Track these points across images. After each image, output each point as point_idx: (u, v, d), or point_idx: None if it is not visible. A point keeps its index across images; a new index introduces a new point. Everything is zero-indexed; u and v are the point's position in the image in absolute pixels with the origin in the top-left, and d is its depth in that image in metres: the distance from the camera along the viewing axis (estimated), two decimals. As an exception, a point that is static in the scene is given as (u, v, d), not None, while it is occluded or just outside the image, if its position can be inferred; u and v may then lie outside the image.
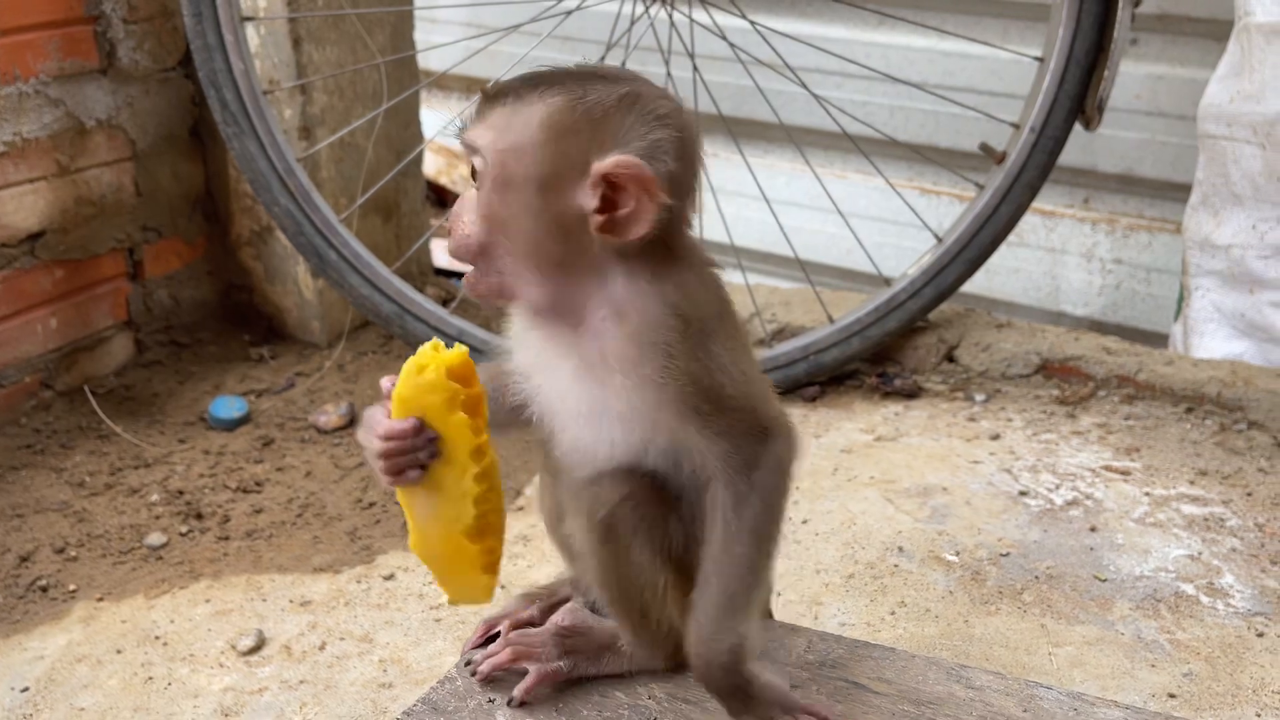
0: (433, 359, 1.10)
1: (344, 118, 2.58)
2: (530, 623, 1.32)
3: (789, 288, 2.80)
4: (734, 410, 1.08)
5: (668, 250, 1.08)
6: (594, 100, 1.04)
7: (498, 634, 1.32)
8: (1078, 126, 2.23)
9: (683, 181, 1.07)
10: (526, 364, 1.19)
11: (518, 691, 1.21)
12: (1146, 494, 1.96)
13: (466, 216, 1.08)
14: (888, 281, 2.35)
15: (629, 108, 1.05)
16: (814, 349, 2.30)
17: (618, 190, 1.03)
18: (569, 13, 2.30)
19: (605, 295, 1.07)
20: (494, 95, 1.07)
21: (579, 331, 1.09)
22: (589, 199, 1.04)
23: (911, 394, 2.33)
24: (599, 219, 1.04)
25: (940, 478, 2.02)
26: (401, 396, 1.10)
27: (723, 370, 1.08)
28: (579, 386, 1.12)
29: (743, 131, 2.74)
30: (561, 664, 1.23)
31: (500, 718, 1.19)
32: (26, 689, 1.61)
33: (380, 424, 1.11)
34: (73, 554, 1.92)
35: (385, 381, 1.13)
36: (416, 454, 1.10)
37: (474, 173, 1.08)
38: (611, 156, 1.02)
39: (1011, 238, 2.43)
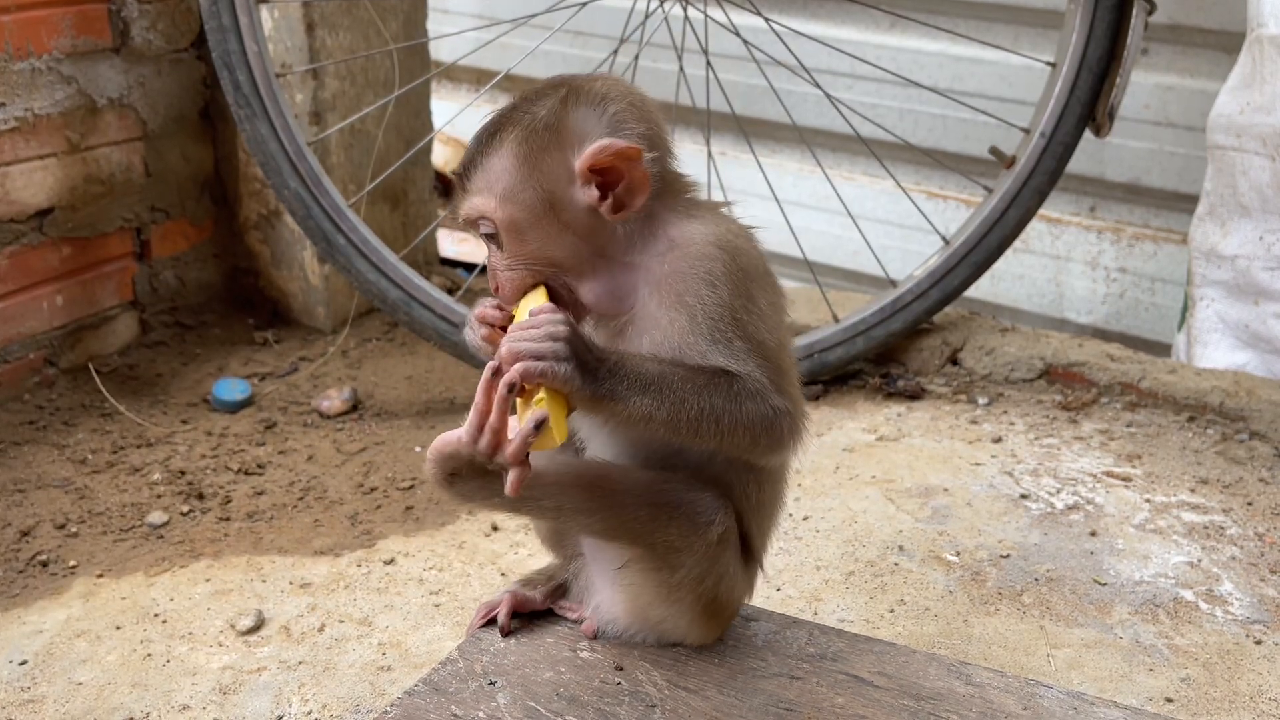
0: None
1: (355, 104, 2.58)
2: (532, 604, 1.33)
3: (795, 287, 2.81)
4: (762, 357, 1.10)
5: (680, 196, 1.16)
6: (543, 115, 1.12)
7: (496, 618, 1.33)
8: (1087, 133, 2.23)
9: (655, 135, 1.14)
10: None
11: None
12: (1147, 500, 1.96)
13: (502, 272, 1.15)
14: (894, 283, 2.35)
15: (577, 102, 1.12)
16: (819, 348, 2.31)
17: (607, 172, 1.10)
18: (582, 4, 2.30)
19: (651, 251, 1.13)
20: (464, 168, 1.15)
21: (630, 311, 1.13)
22: (589, 194, 1.11)
23: (914, 395, 2.33)
24: (606, 204, 1.11)
25: (942, 479, 2.03)
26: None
27: (763, 319, 1.12)
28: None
29: (751, 130, 2.75)
30: None
31: (501, 699, 1.19)
32: (25, 662, 1.61)
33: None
34: (74, 530, 1.92)
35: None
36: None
37: (491, 239, 1.15)
38: (586, 149, 1.10)
39: (1017, 244, 2.44)
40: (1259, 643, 1.61)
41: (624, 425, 1.09)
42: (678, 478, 1.16)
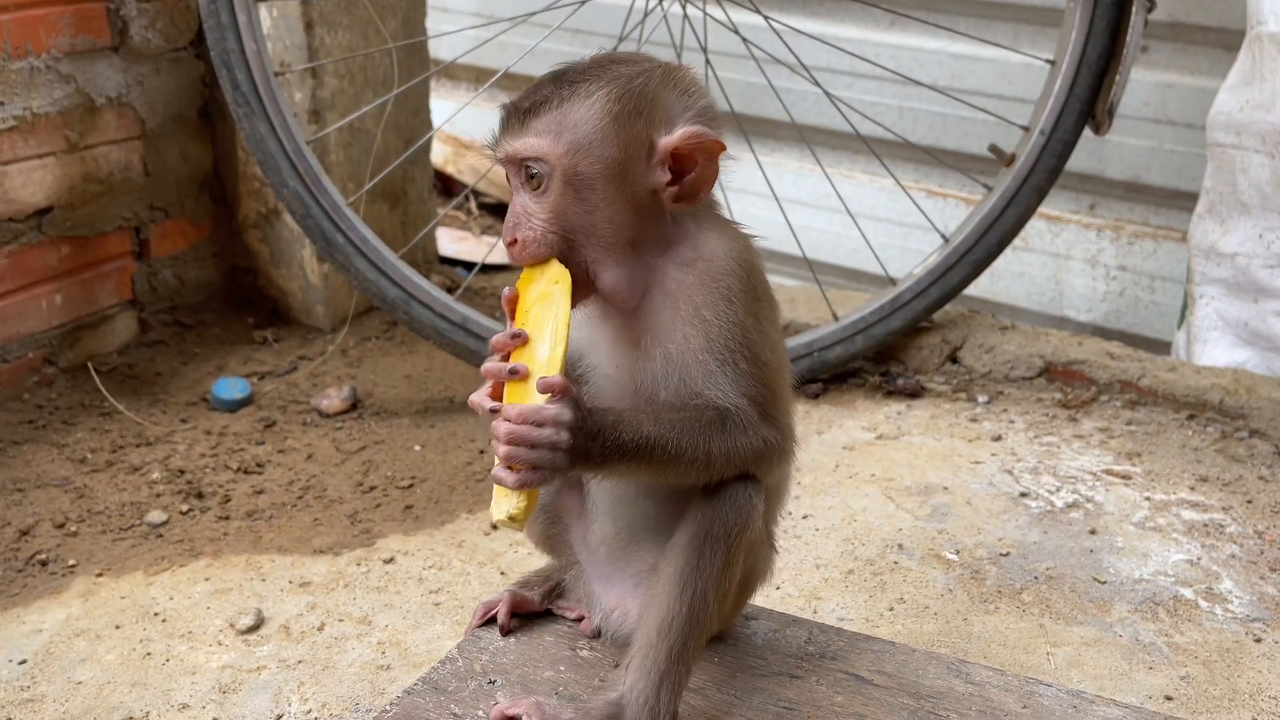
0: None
1: (354, 102, 2.58)
2: (530, 604, 1.33)
3: (794, 285, 2.81)
4: (761, 383, 1.11)
5: (714, 211, 1.16)
6: (640, 83, 1.09)
7: (494, 617, 1.32)
8: (1087, 131, 2.23)
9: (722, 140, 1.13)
10: (583, 352, 1.19)
11: None
12: (1147, 499, 1.96)
13: (532, 223, 1.10)
14: (893, 281, 2.35)
15: (670, 83, 1.11)
16: (818, 346, 2.31)
17: (682, 159, 1.09)
18: (581, 2, 2.30)
19: (673, 257, 1.12)
20: (531, 106, 1.09)
21: (644, 305, 1.12)
22: (660, 174, 1.09)
23: (914, 394, 2.33)
24: (672, 190, 1.10)
25: (941, 477, 2.03)
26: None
27: (765, 338, 1.13)
28: (636, 362, 1.13)
29: (751, 129, 2.75)
30: None
31: (500, 699, 1.19)
32: (24, 661, 1.61)
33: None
34: (73, 529, 1.92)
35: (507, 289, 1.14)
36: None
37: (530, 182, 1.09)
38: (678, 131, 1.09)
39: (1017, 242, 2.44)
40: (1259, 640, 1.61)
41: (609, 479, 1.15)
42: (696, 497, 1.13)
